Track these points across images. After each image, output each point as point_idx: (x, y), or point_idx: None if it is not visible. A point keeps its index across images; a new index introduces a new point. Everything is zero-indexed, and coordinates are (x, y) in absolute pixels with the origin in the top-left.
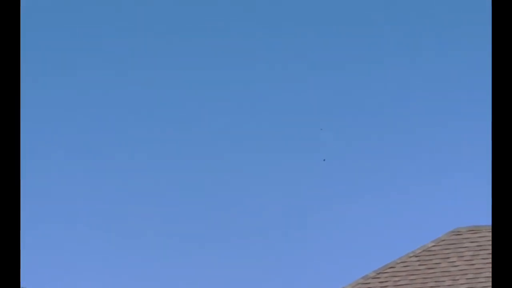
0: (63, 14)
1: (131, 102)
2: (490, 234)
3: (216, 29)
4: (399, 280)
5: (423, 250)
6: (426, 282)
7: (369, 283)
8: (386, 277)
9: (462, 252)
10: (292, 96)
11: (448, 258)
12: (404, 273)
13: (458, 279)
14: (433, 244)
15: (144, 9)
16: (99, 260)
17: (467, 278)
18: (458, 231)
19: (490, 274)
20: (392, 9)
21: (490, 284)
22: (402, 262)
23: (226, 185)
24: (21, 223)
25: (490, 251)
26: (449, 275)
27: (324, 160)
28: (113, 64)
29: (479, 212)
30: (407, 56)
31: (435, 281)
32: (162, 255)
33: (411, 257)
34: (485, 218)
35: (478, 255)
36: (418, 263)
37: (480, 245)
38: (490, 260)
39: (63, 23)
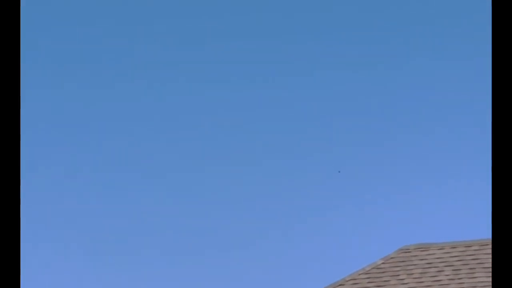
0: (62, 13)
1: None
2: (438, 251)
3: (216, 31)
4: None
5: (373, 268)
6: None
7: None
8: None
9: (411, 269)
10: (292, 98)
11: (397, 275)
12: None
13: None
14: (382, 261)
15: (145, 10)
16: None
17: None
18: (407, 249)
19: None
20: (391, 9)
21: None
22: (351, 279)
23: (226, 186)
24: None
25: (439, 269)
26: None
27: (339, 172)
28: (115, 64)
29: (428, 229)
30: (405, 58)
31: None
32: (162, 255)
33: (360, 274)
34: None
35: (426, 272)
36: (367, 280)
37: (429, 263)
38: (438, 278)
39: (63, 22)
